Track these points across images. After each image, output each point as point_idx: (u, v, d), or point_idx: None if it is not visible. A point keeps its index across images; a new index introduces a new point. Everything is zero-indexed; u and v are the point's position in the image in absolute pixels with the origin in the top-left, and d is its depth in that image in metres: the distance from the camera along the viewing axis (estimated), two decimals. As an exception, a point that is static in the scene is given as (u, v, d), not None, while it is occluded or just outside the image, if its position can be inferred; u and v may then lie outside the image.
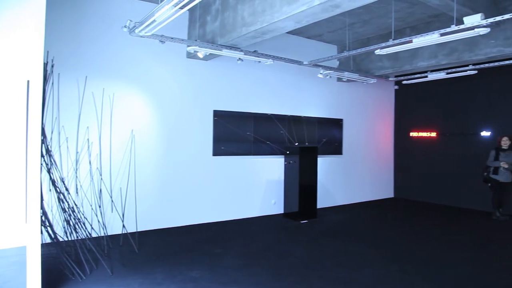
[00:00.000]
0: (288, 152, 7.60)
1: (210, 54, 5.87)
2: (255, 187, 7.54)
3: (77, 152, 5.49)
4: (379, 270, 4.56)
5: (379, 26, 7.35)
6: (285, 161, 7.67)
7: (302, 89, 8.25)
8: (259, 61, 6.25)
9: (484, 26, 4.44)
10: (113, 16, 5.82)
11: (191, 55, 6.39)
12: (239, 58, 5.98)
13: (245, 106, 7.36)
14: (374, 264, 4.76)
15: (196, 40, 5.67)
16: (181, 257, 4.87)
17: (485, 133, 8.55)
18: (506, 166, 7.43)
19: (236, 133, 7.19)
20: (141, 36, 4.94)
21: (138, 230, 5.88)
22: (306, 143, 8.19)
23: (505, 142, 7.54)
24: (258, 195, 7.60)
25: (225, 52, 5.70)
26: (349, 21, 7.03)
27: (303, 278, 4.26)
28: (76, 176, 5.45)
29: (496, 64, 6.49)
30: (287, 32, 7.48)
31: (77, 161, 5.48)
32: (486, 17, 4.36)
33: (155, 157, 6.34)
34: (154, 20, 4.30)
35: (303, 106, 8.29)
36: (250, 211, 7.48)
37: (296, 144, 7.96)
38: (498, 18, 4.28)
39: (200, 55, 5.78)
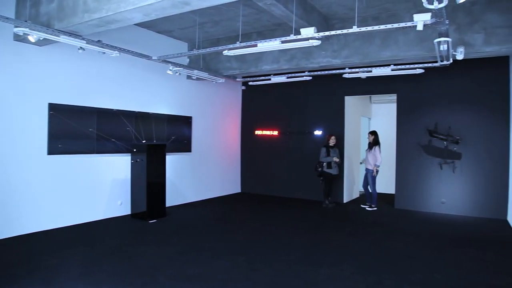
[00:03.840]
0: (135, 150, 7.24)
1: (45, 39, 5.13)
2: (99, 187, 6.96)
3: None
4: (228, 262, 4.74)
5: (228, 28, 7.63)
6: (131, 160, 7.29)
7: (151, 85, 7.97)
8: (104, 52, 5.75)
9: (316, 39, 5.03)
10: None
11: (20, 38, 5.45)
12: (80, 47, 5.37)
13: (88, 100, 6.69)
14: (223, 257, 4.92)
15: (26, 21, 4.87)
16: (8, 275, 4.14)
17: (318, 132, 9.76)
18: (337, 160, 8.67)
19: (77, 130, 6.49)
20: None
21: None
22: (154, 141, 7.96)
23: (333, 140, 8.75)
24: (103, 196, 7.03)
25: (63, 38, 5.05)
26: (200, 20, 7.10)
27: (153, 279, 4.12)
28: None
29: (326, 72, 7.46)
30: (136, 25, 7.17)
31: None
32: (319, 31, 4.95)
33: (-31, 156, 5.24)
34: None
35: (151, 103, 8.02)
36: (93, 214, 6.86)
37: (144, 141, 7.65)
38: (327, 33, 4.90)
39: (32, 39, 4.98)
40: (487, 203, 7.62)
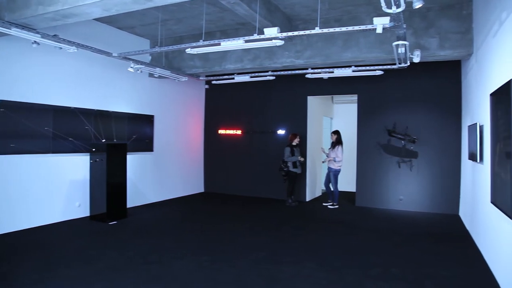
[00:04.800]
0: (94, 149, 7.00)
1: (-5, 31, 4.86)
2: (56, 189, 6.67)
3: None
4: (191, 262, 4.69)
5: (192, 26, 7.54)
6: (91, 159, 7.05)
7: (111, 82, 7.73)
8: (61, 48, 5.52)
9: (280, 39, 5.07)
10: None
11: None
12: (35, 41, 5.12)
13: (43, 97, 6.38)
14: (186, 258, 4.86)
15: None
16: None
17: (281, 132, 9.85)
18: (302, 159, 8.80)
19: (31, 128, 6.17)
20: None
21: None
22: (115, 140, 7.74)
23: (297, 140, 8.87)
24: (60, 197, 6.75)
25: (15, 31, 4.80)
26: (163, 17, 6.97)
27: (113, 282, 4.00)
28: None
29: (289, 72, 7.54)
30: (96, 20, 6.93)
31: None
32: (282, 31, 5.00)
33: None
34: None
35: (112, 101, 7.78)
36: (49, 216, 6.55)
37: (104, 140, 7.42)
38: (290, 34, 4.96)
39: (-21, 31, 4.71)
40: (441, 199, 8.00)
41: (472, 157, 5.78)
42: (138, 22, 7.36)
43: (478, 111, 5.52)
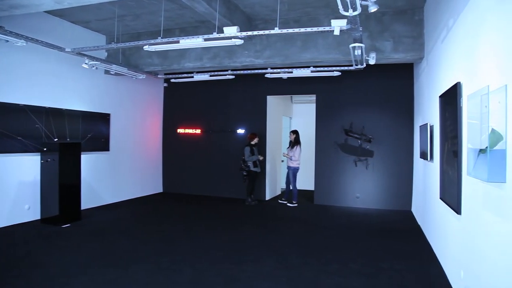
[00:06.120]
0: (45, 149, 6.67)
1: None
2: (2, 191, 6.27)
3: None
4: (149, 264, 4.58)
5: (150, 22, 7.36)
6: (41, 159, 6.70)
7: (64, 79, 7.37)
8: (7, 41, 5.19)
9: (239, 38, 5.07)
10: None
11: None
12: (-22, 33, 4.80)
13: (-13, 93, 6.01)
14: (144, 260, 4.74)
15: None
16: None
17: (241, 131, 9.85)
18: (261, 158, 8.86)
19: (-26, 126, 5.78)
20: None
21: None
22: (68, 139, 7.40)
23: (256, 139, 8.90)
24: (7, 200, 6.35)
25: (-44, 22, 4.48)
26: (120, 13, 6.75)
27: (66, 287, 3.83)
28: None
29: (249, 72, 7.56)
30: (47, 12, 6.59)
31: None
32: (242, 31, 5.00)
33: None
34: None
35: (65, 98, 7.43)
36: (-6, 220, 6.18)
37: (56, 140, 7.08)
38: (250, 33, 4.97)
39: None
40: (395, 196, 8.34)
41: (423, 155, 6.07)
42: (93, 16, 7.08)
43: (429, 112, 5.80)
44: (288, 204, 8.84)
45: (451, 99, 3.85)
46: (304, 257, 4.98)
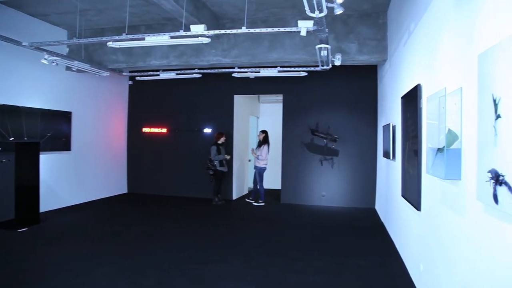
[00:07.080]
0: (0, 149, 6.34)
1: None
2: (-48, 192, 5.92)
3: None
4: (112, 267, 4.45)
5: (115, 18, 7.16)
6: (-3, 159, 6.37)
7: (21, 75, 7.02)
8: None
9: (206, 36, 5.02)
10: None
11: None
12: None
13: None
14: (107, 263, 4.60)
15: None
16: None
17: (207, 130, 9.77)
18: (228, 157, 8.85)
19: None
20: None
21: None
22: (25, 138, 7.06)
23: (223, 139, 8.86)
24: (-43, 202, 6.00)
25: None
26: (82, 7, 6.50)
27: (22, 295, 3.65)
28: None
29: (216, 71, 7.51)
30: (1, 3, 6.24)
31: None
32: (209, 29, 4.95)
33: None
34: None
35: (21, 95, 7.07)
36: None
37: (12, 139, 6.73)
38: (217, 32, 4.94)
39: None
40: (359, 194, 8.55)
41: (386, 155, 6.26)
42: (52, 9, 6.79)
43: (391, 112, 5.98)
44: (255, 204, 8.86)
45: (412, 100, 3.99)
46: (270, 256, 5.00)
